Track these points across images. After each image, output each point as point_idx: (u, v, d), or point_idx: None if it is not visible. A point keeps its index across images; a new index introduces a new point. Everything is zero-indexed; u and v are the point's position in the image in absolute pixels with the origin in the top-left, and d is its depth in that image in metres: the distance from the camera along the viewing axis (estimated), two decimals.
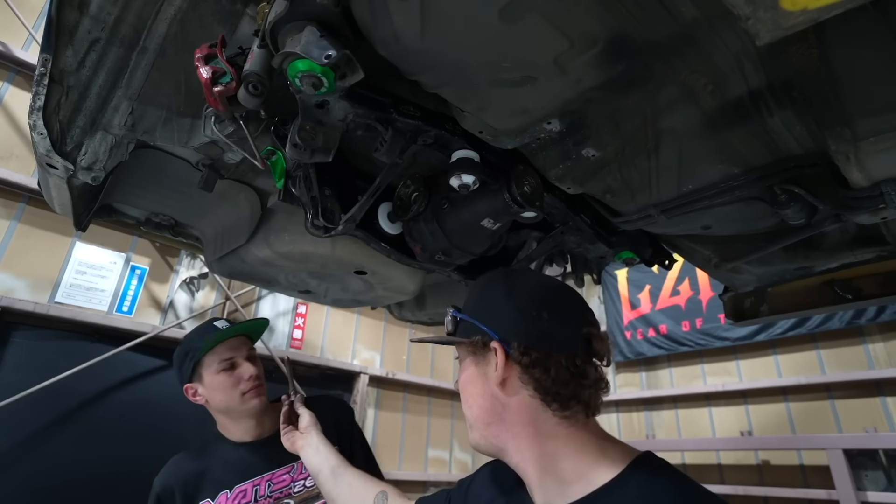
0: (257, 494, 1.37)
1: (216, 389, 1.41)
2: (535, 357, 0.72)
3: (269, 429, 1.47)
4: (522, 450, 0.74)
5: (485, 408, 0.77)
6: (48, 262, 3.07)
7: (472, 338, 0.79)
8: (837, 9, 0.46)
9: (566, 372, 0.72)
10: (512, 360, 0.74)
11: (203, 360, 1.42)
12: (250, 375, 1.41)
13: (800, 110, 0.81)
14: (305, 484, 1.41)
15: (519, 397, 0.74)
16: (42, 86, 0.90)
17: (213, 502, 1.35)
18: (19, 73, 3.09)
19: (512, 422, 0.75)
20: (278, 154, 1.02)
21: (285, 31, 0.74)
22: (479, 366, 0.79)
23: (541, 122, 0.91)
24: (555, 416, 0.72)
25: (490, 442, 0.78)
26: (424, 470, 4.70)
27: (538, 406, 0.73)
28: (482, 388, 0.78)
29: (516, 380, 0.74)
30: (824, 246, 1.31)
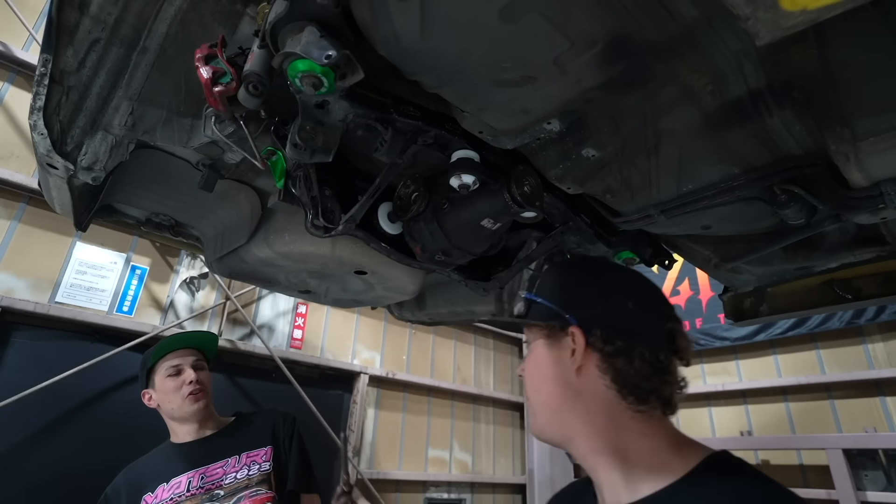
0: (190, 485, 1.51)
1: (164, 393, 1.59)
2: (618, 346, 0.70)
3: (210, 431, 1.65)
4: (592, 441, 0.72)
5: (555, 394, 0.75)
6: (48, 262, 3.07)
7: (548, 321, 0.77)
8: (837, 9, 0.46)
9: (648, 365, 0.69)
10: (592, 348, 0.72)
11: (155, 367, 1.61)
12: (191, 380, 1.59)
13: (799, 110, 0.81)
14: (236, 476, 1.55)
15: (594, 386, 0.71)
16: (42, 86, 0.90)
17: (153, 494, 1.50)
18: (20, 74, 3.10)
19: (583, 411, 0.72)
20: (278, 154, 1.02)
21: (285, 32, 0.74)
22: (553, 350, 0.76)
23: (541, 122, 0.91)
24: (629, 409, 0.70)
25: (557, 430, 0.76)
26: (424, 470, 4.70)
27: (613, 397, 0.70)
28: (554, 372, 0.75)
29: (594, 368, 0.72)
30: (824, 246, 1.31)
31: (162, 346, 1.64)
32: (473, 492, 5.00)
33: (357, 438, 4.16)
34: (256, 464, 1.59)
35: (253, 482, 1.56)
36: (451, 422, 5.11)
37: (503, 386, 5.79)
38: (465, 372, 5.44)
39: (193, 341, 1.72)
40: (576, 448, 0.74)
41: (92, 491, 1.59)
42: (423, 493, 4.62)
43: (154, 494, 1.50)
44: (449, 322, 2.24)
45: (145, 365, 1.64)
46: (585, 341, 0.72)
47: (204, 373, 1.67)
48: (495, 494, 5.20)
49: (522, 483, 5.37)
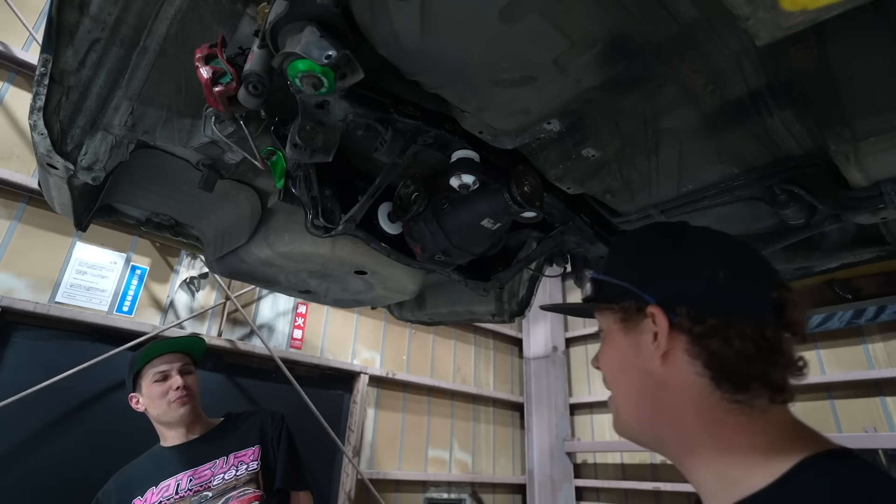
0: (179, 488, 1.53)
1: (151, 398, 1.60)
2: (710, 325, 0.58)
3: (197, 434, 1.66)
4: (683, 440, 0.61)
5: (635, 387, 0.65)
6: (48, 261, 3.07)
7: (621, 302, 0.66)
8: (837, 9, 0.46)
9: (752, 345, 0.57)
10: (678, 329, 0.60)
11: (142, 371, 1.61)
12: (178, 386, 1.60)
13: (799, 110, 0.81)
14: (224, 477, 1.57)
15: (682, 375, 0.60)
16: (42, 86, 0.90)
17: (142, 498, 1.51)
18: (20, 74, 3.10)
19: (669, 406, 0.61)
20: (278, 154, 1.02)
21: (285, 32, 0.74)
22: (630, 335, 0.65)
23: (541, 122, 0.91)
24: (724, 399, 0.58)
25: (642, 429, 0.65)
26: (424, 470, 4.70)
27: (705, 387, 0.59)
28: (633, 362, 0.65)
29: (681, 353, 0.60)
30: (824, 246, 1.31)
31: (148, 351, 1.65)
32: (473, 492, 5.00)
33: (357, 438, 4.16)
34: (244, 464, 1.61)
35: (241, 482, 1.57)
36: (451, 422, 5.11)
37: (503, 386, 5.79)
38: (465, 372, 5.44)
39: (180, 346, 1.73)
40: (667, 450, 0.63)
41: (92, 491, 1.59)
42: (423, 493, 4.62)
43: (143, 498, 1.52)
44: (449, 322, 2.24)
45: (132, 369, 1.65)
46: (669, 322, 0.61)
47: (191, 377, 1.69)
48: (495, 494, 5.20)
49: (522, 483, 5.37)
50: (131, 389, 1.65)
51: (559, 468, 5.18)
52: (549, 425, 5.37)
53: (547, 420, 5.40)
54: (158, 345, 1.67)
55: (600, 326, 0.72)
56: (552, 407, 5.43)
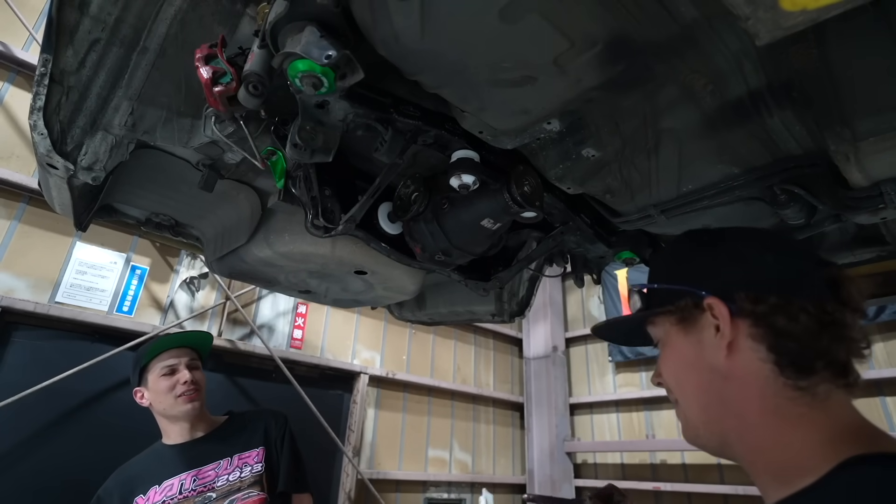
0: (182, 487, 1.51)
1: (157, 393, 1.58)
2: (773, 303, 0.57)
3: (202, 432, 1.64)
4: (746, 436, 0.59)
5: (701, 387, 0.63)
6: (49, 261, 3.07)
7: (676, 303, 0.65)
8: (837, 9, 0.46)
9: (815, 320, 0.56)
10: (738, 315, 0.59)
11: (149, 365, 1.59)
12: (185, 381, 1.57)
13: (799, 110, 0.81)
14: (229, 479, 1.55)
15: (746, 364, 0.59)
16: (42, 86, 0.90)
17: (145, 497, 1.49)
18: (20, 74, 3.10)
19: (735, 399, 0.60)
20: (278, 154, 1.02)
21: (285, 32, 0.74)
22: (690, 335, 0.64)
23: (541, 122, 0.91)
24: (787, 386, 0.56)
25: (710, 430, 0.63)
26: (424, 470, 4.70)
27: (769, 373, 0.57)
28: (696, 361, 0.63)
29: (744, 339, 0.59)
30: (824, 246, 1.31)
31: (157, 344, 1.63)
32: (473, 492, 5.00)
33: (357, 438, 4.16)
34: (248, 465, 1.59)
35: (245, 484, 1.56)
36: (451, 422, 5.11)
37: (503, 386, 5.79)
38: (465, 372, 5.44)
39: (188, 340, 1.70)
40: (732, 450, 0.62)
41: (92, 490, 1.58)
42: (423, 493, 4.62)
43: (146, 497, 1.49)
44: (449, 322, 2.24)
45: (139, 363, 1.62)
46: (729, 310, 0.60)
47: (198, 372, 1.66)
48: (495, 494, 5.19)
49: (522, 483, 5.37)
50: (136, 384, 1.63)
51: (559, 468, 5.18)
52: (549, 425, 5.37)
53: (547, 420, 5.40)
54: (166, 339, 1.65)
55: (656, 337, 0.71)
56: (552, 407, 5.43)
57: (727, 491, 4.06)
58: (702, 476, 4.39)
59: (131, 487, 1.52)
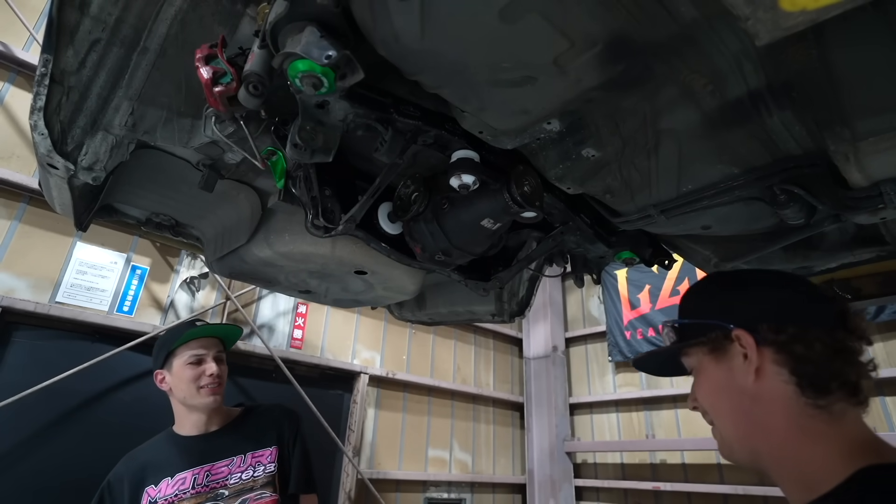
0: (195, 482, 1.48)
1: (180, 380, 1.54)
2: (792, 333, 0.67)
3: (216, 426, 1.61)
4: (774, 449, 0.68)
5: (733, 407, 0.72)
6: (49, 261, 3.07)
7: (707, 335, 0.75)
8: (837, 9, 0.46)
9: (828, 347, 0.65)
10: (763, 344, 0.68)
11: (176, 350, 1.56)
12: (212, 373, 1.55)
13: (799, 110, 0.81)
14: (241, 477, 1.53)
15: (772, 385, 0.68)
16: (43, 86, 0.90)
17: (156, 487, 1.47)
18: (20, 74, 3.10)
19: (763, 417, 0.69)
20: (279, 154, 1.03)
21: (285, 32, 0.74)
22: (722, 363, 0.74)
23: (541, 122, 0.91)
24: (808, 405, 0.65)
25: (743, 446, 0.72)
26: (424, 470, 4.70)
27: (792, 394, 0.66)
28: (727, 385, 0.73)
29: (769, 364, 0.68)
30: (823, 246, 1.30)
31: (190, 332, 1.59)
32: (473, 492, 5.00)
33: (357, 438, 4.17)
34: (262, 465, 1.57)
35: (258, 484, 1.54)
36: (451, 422, 5.11)
37: (503, 386, 5.80)
38: (465, 372, 5.44)
39: (218, 332, 1.67)
40: (764, 463, 0.70)
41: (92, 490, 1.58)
42: (423, 492, 4.62)
43: (157, 488, 1.47)
44: (449, 322, 2.24)
45: (167, 346, 1.59)
46: (755, 339, 0.69)
47: (223, 366, 1.63)
48: (495, 494, 5.20)
49: (522, 483, 5.37)
50: (160, 366, 1.59)
51: (559, 468, 5.18)
52: (549, 425, 5.37)
53: (547, 420, 5.40)
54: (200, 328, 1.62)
55: (690, 366, 0.81)
56: (552, 407, 5.43)
57: (727, 491, 4.06)
58: (702, 476, 4.39)
59: (142, 476, 1.49)
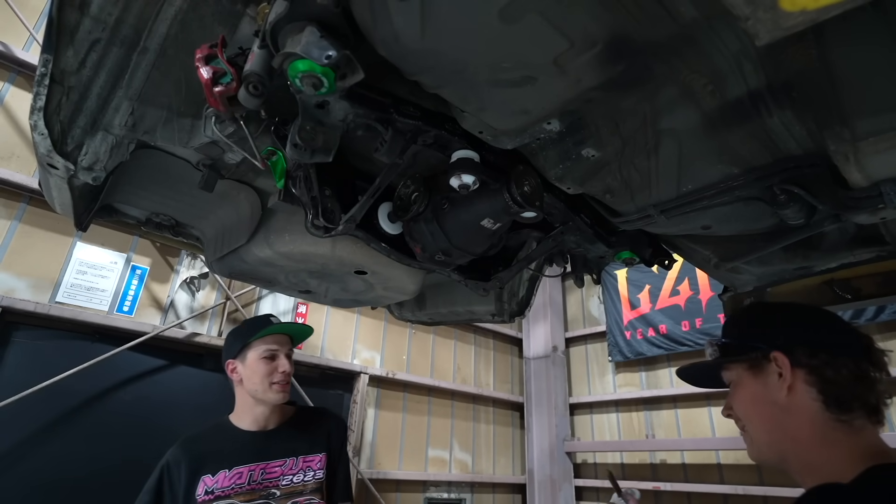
0: (251, 479, 1.50)
1: (253, 372, 1.57)
2: (823, 358, 0.77)
3: (273, 423, 1.63)
4: (801, 455, 0.79)
5: (766, 417, 0.83)
6: (49, 261, 3.07)
7: (749, 354, 0.86)
8: (836, 9, 0.46)
9: (853, 374, 0.76)
10: (797, 366, 0.79)
11: (252, 343, 1.58)
12: (284, 371, 1.58)
13: (799, 110, 0.81)
14: (293, 480, 1.54)
15: (801, 401, 0.78)
16: (43, 86, 0.90)
17: (213, 477, 1.48)
18: (20, 74, 3.10)
19: (791, 427, 0.79)
20: (279, 154, 1.03)
21: (286, 32, 0.74)
22: (758, 379, 0.84)
23: (541, 123, 0.91)
24: (831, 419, 0.76)
25: (772, 449, 0.84)
26: (424, 469, 4.70)
27: (819, 409, 0.77)
28: (762, 398, 0.84)
29: (801, 383, 0.79)
30: (823, 246, 1.30)
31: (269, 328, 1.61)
32: (473, 492, 5.00)
33: (357, 438, 4.16)
34: (311, 470, 1.58)
35: (307, 489, 1.55)
36: (451, 422, 5.11)
37: (503, 386, 5.80)
38: (465, 372, 5.44)
39: (293, 330, 1.68)
40: (789, 464, 0.81)
41: (92, 490, 1.57)
42: (423, 492, 4.62)
43: (215, 478, 1.48)
44: (449, 322, 2.24)
45: (244, 337, 1.60)
46: (790, 361, 0.79)
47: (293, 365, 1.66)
48: (495, 494, 5.20)
49: (522, 483, 5.37)
50: (233, 356, 1.61)
51: (559, 468, 5.18)
52: (549, 425, 5.37)
53: (547, 420, 5.40)
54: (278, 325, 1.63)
55: (728, 379, 0.92)
56: (552, 407, 5.43)
57: (727, 491, 4.06)
58: (702, 476, 4.39)
59: (201, 463, 1.50)
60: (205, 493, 1.45)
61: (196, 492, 1.45)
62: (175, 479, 1.47)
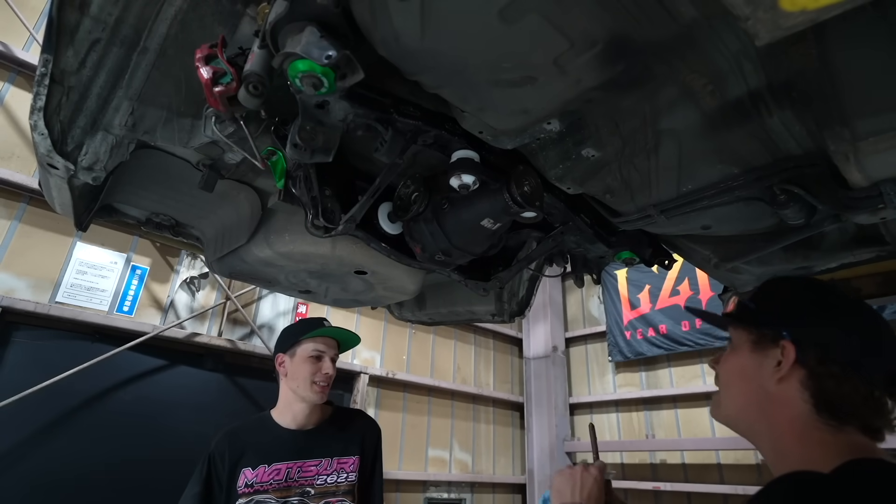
0: (288, 476, 1.56)
1: (298, 370, 1.64)
2: (832, 372, 0.71)
3: (312, 423, 1.69)
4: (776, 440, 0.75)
5: (747, 394, 0.79)
6: (49, 261, 3.07)
7: (761, 328, 0.80)
8: (837, 9, 0.46)
9: (861, 399, 0.69)
10: (800, 364, 0.73)
11: (303, 341, 1.66)
12: (327, 373, 1.64)
13: (799, 110, 0.81)
14: (327, 480, 1.60)
15: (790, 397, 0.73)
16: (43, 86, 0.90)
17: (254, 471, 1.54)
18: (20, 74, 3.10)
19: (772, 414, 0.75)
20: (279, 154, 1.03)
21: (286, 32, 0.74)
22: (756, 355, 0.79)
23: (541, 123, 0.91)
24: (819, 421, 0.71)
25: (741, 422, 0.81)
26: (424, 470, 4.70)
27: (806, 410, 0.72)
28: (751, 375, 0.79)
29: (795, 381, 0.73)
30: (823, 246, 1.30)
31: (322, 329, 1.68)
32: (473, 492, 5.00)
33: None
34: (344, 472, 1.63)
35: (340, 490, 1.60)
36: (451, 422, 5.11)
37: (503, 386, 5.80)
38: (465, 372, 5.44)
39: (342, 336, 1.74)
40: (758, 440, 0.79)
41: (92, 490, 1.58)
42: (423, 493, 4.62)
43: (255, 472, 1.53)
44: (449, 322, 2.24)
45: (297, 334, 1.68)
46: (796, 356, 0.73)
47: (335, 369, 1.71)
48: (495, 494, 5.20)
49: (522, 483, 5.37)
50: (283, 350, 1.68)
51: (559, 468, 5.17)
52: (549, 425, 5.37)
53: (547, 420, 5.40)
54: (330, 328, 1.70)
55: (731, 337, 0.87)
56: (552, 407, 5.43)
57: (727, 491, 4.06)
58: (701, 476, 4.39)
59: (242, 456, 1.55)
60: (245, 486, 1.51)
61: (237, 483, 1.51)
62: (220, 469, 1.54)
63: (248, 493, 1.50)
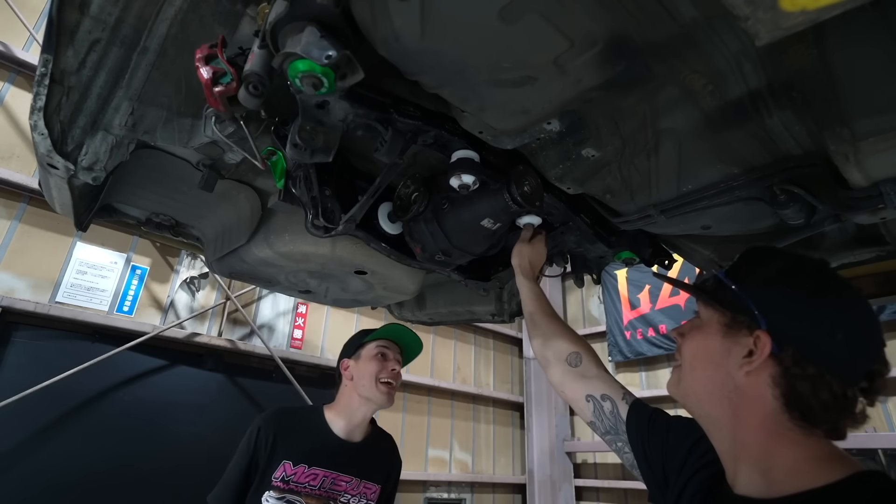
0: (322, 484, 1.53)
1: (364, 369, 1.60)
2: (808, 372, 0.65)
3: (359, 436, 1.65)
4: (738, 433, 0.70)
5: (712, 379, 0.73)
6: (49, 262, 3.08)
7: (736, 314, 0.72)
8: (836, 9, 0.46)
9: (833, 399, 0.65)
10: (774, 359, 0.67)
11: (367, 343, 1.65)
12: (393, 369, 1.62)
13: (799, 111, 0.81)
14: (350, 500, 1.57)
15: (758, 391, 0.68)
16: (43, 86, 0.90)
17: (294, 467, 1.51)
18: (20, 74, 3.10)
19: (738, 405, 0.70)
20: (279, 154, 1.03)
21: (286, 32, 0.74)
22: (726, 340, 0.72)
23: (541, 123, 0.91)
24: (789, 419, 0.66)
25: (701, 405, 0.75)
26: (424, 470, 4.70)
27: (776, 408, 0.67)
28: (718, 361, 0.73)
29: (767, 377, 0.67)
30: (823, 246, 1.30)
31: (386, 330, 1.66)
32: (473, 492, 5.00)
33: None
34: (366, 498, 1.60)
35: None
36: (451, 422, 5.11)
37: (503, 386, 5.80)
38: (465, 372, 5.44)
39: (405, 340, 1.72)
40: (716, 430, 0.74)
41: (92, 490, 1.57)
42: (423, 493, 4.62)
43: (295, 469, 1.50)
44: (449, 322, 2.24)
45: (359, 338, 1.68)
46: (771, 350, 0.67)
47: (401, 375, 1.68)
48: (495, 494, 5.20)
49: (522, 483, 5.37)
50: (348, 355, 1.66)
51: (559, 468, 5.18)
52: (549, 425, 5.37)
53: (547, 420, 5.40)
54: (395, 329, 1.68)
55: (700, 312, 0.79)
56: (552, 407, 5.43)
57: None
58: None
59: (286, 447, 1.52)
60: (281, 480, 1.47)
61: (274, 472, 1.47)
62: (262, 445, 1.49)
63: (281, 487, 1.46)
